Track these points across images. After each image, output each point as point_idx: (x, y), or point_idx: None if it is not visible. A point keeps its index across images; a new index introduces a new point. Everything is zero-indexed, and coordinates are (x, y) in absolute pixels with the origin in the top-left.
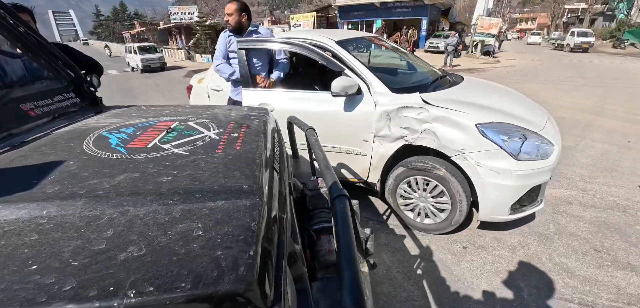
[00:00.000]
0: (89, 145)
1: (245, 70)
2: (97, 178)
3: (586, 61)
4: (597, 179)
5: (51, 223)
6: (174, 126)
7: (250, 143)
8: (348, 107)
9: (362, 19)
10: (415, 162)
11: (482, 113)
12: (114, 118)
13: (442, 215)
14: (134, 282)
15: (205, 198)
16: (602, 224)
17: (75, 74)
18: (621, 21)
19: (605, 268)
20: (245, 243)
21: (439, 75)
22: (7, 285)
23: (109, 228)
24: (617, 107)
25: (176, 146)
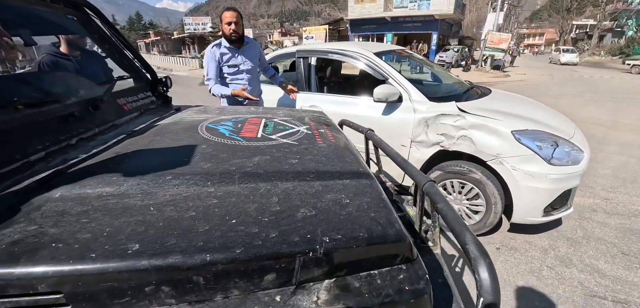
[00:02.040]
0: (204, 133)
1: (302, 75)
2: (237, 158)
3: (597, 76)
4: (619, 189)
5: (220, 191)
6: (266, 121)
7: (338, 137)
8: (387, 113)
9: (373, 32)
10: (452, 166)
11: (516, 121)
12: (201, 114)
13: (476, 217)
14: (324, 231)
15: (334, 177)
16: (627, 230)
17: (152, 75)
18: (630, 38)
19: (634, 269)
20: (386, 209)
21: (467, 86)
22: (222, 234)
23: (273, 196)
24: (632, 121)
25: (282, 137)
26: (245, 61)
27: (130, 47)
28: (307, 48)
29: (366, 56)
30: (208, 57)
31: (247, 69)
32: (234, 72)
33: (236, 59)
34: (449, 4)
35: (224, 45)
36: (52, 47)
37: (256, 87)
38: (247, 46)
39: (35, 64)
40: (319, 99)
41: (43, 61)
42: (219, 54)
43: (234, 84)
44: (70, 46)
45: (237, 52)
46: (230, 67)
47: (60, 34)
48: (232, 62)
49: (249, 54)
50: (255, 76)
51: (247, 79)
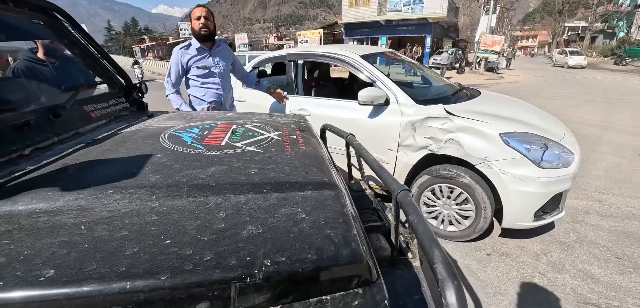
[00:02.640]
0: (165, 142)
1: (291, 79)
2: (190, 169)
3: (590, 78)
4: (612, 190)
5: (164, 206)
6: (236, 128)
7: (310, 144)
8: (373, 116)
9: (368, 36)
10: (440, 170)
11: (505, 123)
12: (171, 120)
13: (466, 222)
14: (266, 253)
15: (294, 188)
16: (621, 233)
17: (126, 80)
18: (621, 39)
19: (628, 274)
20: (346, 224)
21: (456, 88)
22: (151, 256)
23: (220, 211)
24: (624, 122)
25: (248, 145)
26: (218, 62)
27: (103, 52)
28: (296, 52)
29: (353, 59)
30: (173, 59)
31: (220, 72)
32: (204, 74)
33: (207, 60)
34: (442, 7)
35: (193, 46)
36: (28, 53)
37: (229, 95)
38: (220, 48)
39: (9, 70)
40: (309, 103)
41: (17, 67)
42: (188, 56)
43: (205, 89)
44: (47, 51)
45: (208, 53)
46: (200, 69)
47: (26, 39)
48: (203, 64)
49: (222, 56)
50: (228, 80)
51: (219, 84)
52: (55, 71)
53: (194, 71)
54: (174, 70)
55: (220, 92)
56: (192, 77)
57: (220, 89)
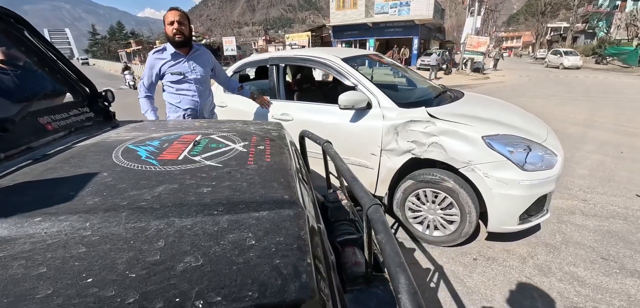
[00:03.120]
0: (118, 157)
1: (274, 83)
2: (136, 189)
3: (572, 77)
4: (596, 189)
5: (97, 235)
6: (199, 139)
7: (278, 155)
8: (355, 120)
9: (356, 38)
10: (424, 174)
11: (487, 126)
12: (134, 131)
13: (451, 227)
14: (200, 292)
15: (250, 208)
16: (605, 232)
17: (91, 88)
18: (601, 39)
19: (614, 275)
20: (300, 251)
21: (440, 90)
22: (65, 300)
23: (159, 239)
24: (607, 120)
25: (207, 158)
26: (195, 68)
27: (64, 59)
28: (278, 55)
29: (333, 62)
30: (147, 63)
31: (196, 79)
32: (178, 80)
33: (182, 65)
34: (428, 10)
35: (168, 51)
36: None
37: (207, 101)
38: (197, 53)
39: None
40: (291, 107)
41: None
42: (162, 61)
43: (180, 95)
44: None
45: (183, 58)
46: (175, 75)
47: None
48: (177, 69)
49: (199, 61)
50: (207, 87)
51: (196, 90)
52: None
53: (169, 77)
54: (147, 75)
55: (196, 99)
56: (167, 84)
57: (196, 95)
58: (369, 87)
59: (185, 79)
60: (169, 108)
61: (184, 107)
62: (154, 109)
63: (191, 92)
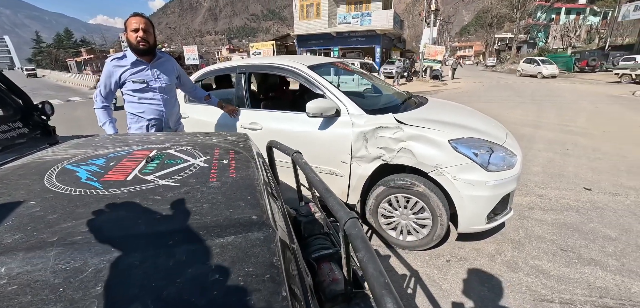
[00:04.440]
0: (51, 181)
1: (242, 92)
2: (70, 220)
3: (519, 82)
4: (549, 184)
5: (14, 283)
6: (153, 155)
7: (244, 169)
8: (324, 128)
9: (320, 47)
10: (395, 180)
11: (452, 130)
12: (76, 148)
13: (424, 231)
14: None
15: (212, 234)
16: (562, 225)
17: (24, 101)
18: (541, 48)
19: (573, 265)
20: (273, 282)
21: (405, 96)
22: None
23: (97, 284)
24: (552, 120)
25: (162, 177)
26: (159, 76)
27: None
28: (245, 63)
29: (300, 70)
30: (105, 71)
31: (161, 87)
32: (141, 89)
33: (145, 73)
34: (389, 20)
35: (129, 58)
36: None
37: (173, 111)
38: (161, 60)
39: None
40: (259, 116)
41: None
42: (122, 68)
43: (143, 105)
44: None
45: (146, 65)
46: (137, 83)
47: None
48: (140, 77)
49: (163, 68)
50: (172, 96)
51: (160, 99)
52: None
53: (130, 86)
54: (104, 83)
55: (161, 108)
56: (128, 93)
57: (161, 105)
58: (337, 94)
59: (148, 87)
60: (131, 118)
61: (147, 118)
62: (113, 120)
63: (155, 101)
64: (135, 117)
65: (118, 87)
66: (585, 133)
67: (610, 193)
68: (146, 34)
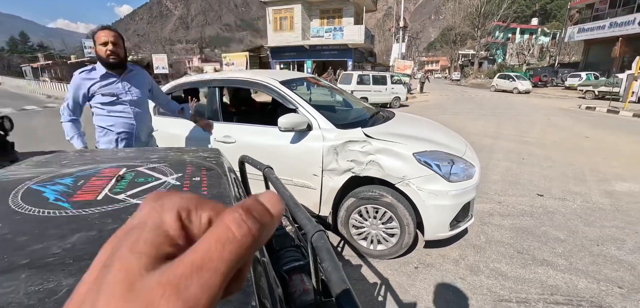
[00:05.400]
0: (17, 202)
1: (217, 105)
2: (41, 241)
3: (481, 95)
4: (507, 191)
5: None
6: (123, 173)
7: (216, 186)
8: (296, 142)
9: (293, 59)
10: (364, 192)
11: (417, 143)
12: (39, 167)
13: (393, 240)
14: None
15: None
16: (518, 229)
17: None
18: (499, 64)
19: (528, 266)
20: (243, 294)
21: (374, 111)
22: None
23: None
24: (510, 132)
25: (133, 196)
26: (130, 89)
27: None
28: (219, 77)
29: (272, 86)
30: (72, 84)
31: (132, 100)
32: (111, 102)
33: (115, 86)
34: (360, 35)
35: (98, 71)
36: None
37: (145, 124)
38: (132, 73)
39: None
40: (233, 130)
41: None
42: (91, 81)
43: (113, 118)
44: None
45: (116, 78)
46: (106, 96)
47: None
48: (110, 90)
49: (135, 82)
50: (144, 109)
51: (131, 112)
52: None
53: (99, 99)
54: (72, 96)
55: (132, 122)
56: (97, 106)
57: (132, 118)
58: (309, 109)
59: (118, 100)
60: (99, 132)
61: (117, 131)
62: (81, 134)
63: (126, 114)
64: (104, 130)
65: (86, 100)
66: (538, 143)
67: (559, 198)
68: (116, 47)
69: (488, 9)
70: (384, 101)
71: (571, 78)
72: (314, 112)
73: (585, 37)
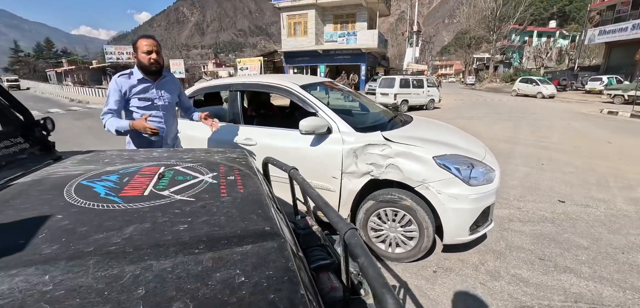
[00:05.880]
0: (71, 196)
1: (238, 108)
2: (101, 232)
3: (497, 100)
4: (526, 197)
5: (61, 289)
6: (163, 172)
7: (250, 185)
8: (316, 144)
9: (307, 64)
10: (384, 194)
11: (436, 147)
12: (83, 164)
13: (411, 243)
14: None
15: (232, 243)
16: (539, 235)
17: (25, 116)
18: (516, 68)
19: (550, 273)
20: (292, 283)
21: (392, 115)
22: None
23: (138, 287)
24: (528, 136)
25: (177, 192)
26: (163, 95)
27: None
28: (240, 81)
29: (293, 90)
30: (112, 88)
31: (163, 105)
32: (146, 106)
33: (151, 92)
34: (374, 40)
35: (135, 76)
36: None
37: (173, 128)
38: (166, 80)
39: None
40: (254, 133)
41: None
42: (128, 85)
43: None
44: None
45: (152, 84)
46: (142, 101)
47: None
48: (146, 96)
49: (167, 88)
50: (173, 114)
51: (162, 117)
52: None
53: (135, 103)
54: (114, 98)
55: (162, 126)
56: (133, 109)
57: (162, 122)
58: (328, 113)
59: (152, 105)
60: (133, 134)
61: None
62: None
63: (158, 118)
64: (136, 132)
65: (124, 102)
66: (558, 148)
67: (582, 205)
68: (158, 56)
69: (504, 12)
70: (421, 103)
71: (592, 82)
72: (334, 115)
73: (607, 39)
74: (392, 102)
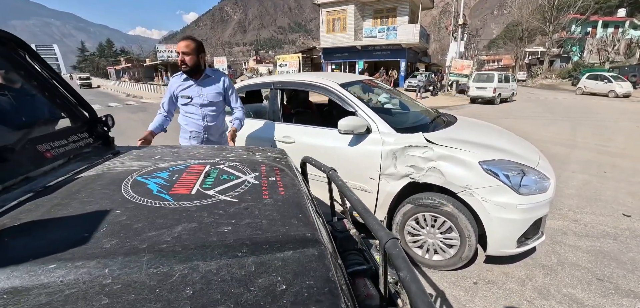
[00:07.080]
0: (128, 191)
1: (277, 106)
2: (154, 229)
3: (551, 98)
4: (585, 209)
5: (118, 283)
6: (209, 170)
7: (290, 187)
8: (354, 144)
9: (345, 60)
10: (423, 199)
11: (483, 151)
12: (138, 160)
13: (451, 251)
14: None
15: (273, 248)
16: (598, 253)
17: (90, 113)
18: (576, 62)
19: (610, 296)
20: (332, 295)
21: (434, 115)
22: None
23: (186, 287)
24: (587, 140)
25: (221, 192)
26: (202, 93)
27: (64, 83)
28: (279, 79)
29: (332, 88)
30: (168, 85)
31: (202, 103)
32: (185, 103)
33: (191, 90)
34: (415, 35)
35: (183, 75)
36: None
37: (215, 125)
38: (207, 79)
39: None
40: (292, 131)
41: None
42: (176, 84)
43: (186, 117)
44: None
45: (193, 82)
46: (183, 98)
47: None
48: (186, 93)
49: (207, 86)
50: (215, 112)
51: (199, 114)
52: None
53: (180, 100)
54: (166, 97)
55: (200, 122)
56: (180, 106)
57: (200, 119)
58: (368, 112)
59: (191, 102)
60: (181, 129)
61: (189, 129)
62: (160, 125)
63: (196, 115)
64: (182, 127)
65: (174, 99)
66: (624, 154)
67: None
68: (185, 56)
69: (563, 1)
70: (506, 95)
71: None
72: (374, 115)
73: None
74: (490, 95)
